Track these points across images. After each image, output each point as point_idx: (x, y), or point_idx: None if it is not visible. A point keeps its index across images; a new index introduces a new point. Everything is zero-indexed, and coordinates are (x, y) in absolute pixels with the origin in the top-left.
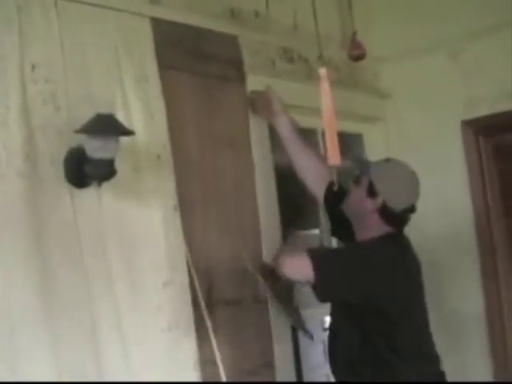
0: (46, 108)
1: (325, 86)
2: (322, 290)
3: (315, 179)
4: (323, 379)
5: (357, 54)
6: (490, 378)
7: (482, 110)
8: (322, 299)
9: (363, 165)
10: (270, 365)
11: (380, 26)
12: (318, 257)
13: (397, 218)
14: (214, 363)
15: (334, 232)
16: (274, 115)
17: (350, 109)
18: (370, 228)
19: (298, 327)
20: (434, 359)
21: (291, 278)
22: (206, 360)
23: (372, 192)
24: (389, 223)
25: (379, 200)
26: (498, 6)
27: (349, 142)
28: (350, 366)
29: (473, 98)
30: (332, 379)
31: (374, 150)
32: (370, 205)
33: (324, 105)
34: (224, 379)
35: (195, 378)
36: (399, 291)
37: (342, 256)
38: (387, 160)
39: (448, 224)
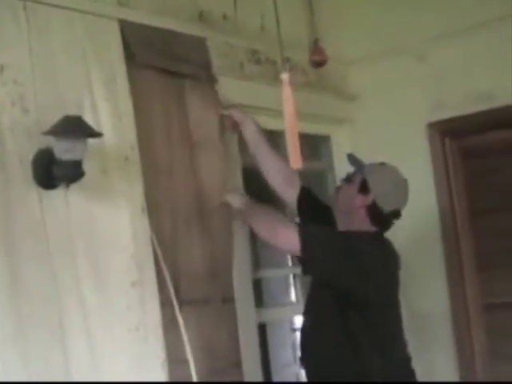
0: (15, 110)
1: (287, 92)
2: (307, 265)
3: (282, 181)
4: (292, 379)
5: (318, 60)
6: (455, 378)
7: (449, 113)
8: (306, 273)
9: (359, 164)
10: (237, 364)
11: (347, 29)
12: (308, 234)
13: (383, 219)
14: (182, 363)
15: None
16: (239, 125)
17: (318, 111)
18: (355, 225)
19: None
20: (408, 358)
21: (279, 247)
22: (173, 360)
23: (364, 189)
24: (374, 222)
25: (370, 197)
26: (464, 8)
27: (316, 144)
28: (323, 361)
29: (439, 101)
30: (301, 378)
31: (342, 151)
32: (360, 201)
33: (286, 110)
34: (195, 378)
35: (163, 377)
36: (380, 283)
37: (330, 237)
38: (382, 163)
39: (414, 225)
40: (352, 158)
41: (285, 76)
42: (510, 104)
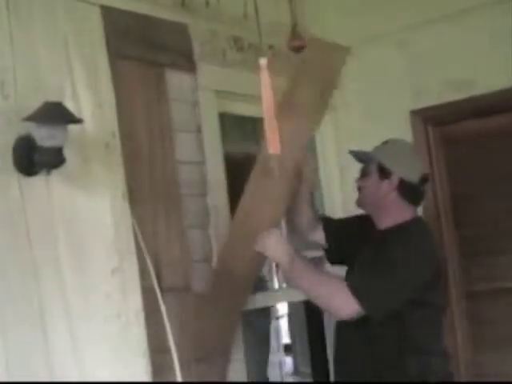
0: None
1: (264, 77)
2: (376, 313)
3: (307, 224)
4: (276, 366)
5: (297, 46)
6: None
7: (431, 100)
8: (380, 318)
9: (365, 155)
10: (221, 352)
11: (329, 16)
12: (361, 287)
13: (416, 191)
14: (164, 351)
15: (331, 257)
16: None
17: None
18: (392, 212)
19: None
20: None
21: (334, 314)
22: (154, 347)
23: (385, 173)
24: (409, 199)
25: (395, 177)
26: None
27: None
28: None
29: (421, 88)
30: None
31: (324, 138)
32: (388, 186)
33: (264, 95)
34: (177, 366)
35: (144, 365)
36: (438, 284)
37: (382, 273)
38: (385, 142)
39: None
40: (356, 154)
41: (263, 61)
42: (490, 92)
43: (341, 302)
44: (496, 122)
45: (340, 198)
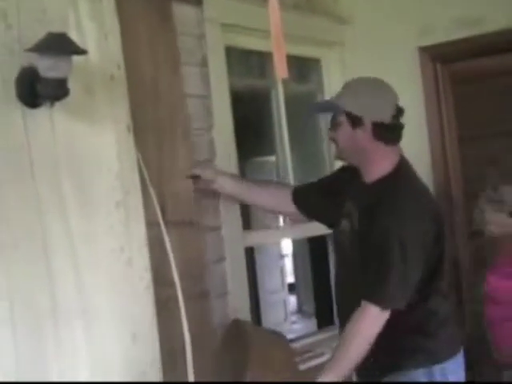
0: None
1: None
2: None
3: (279, 203)
4: (280, 305)
5: None
6: None
7: (440, 37)
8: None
9: (329, 105)
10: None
11: None
12: (385, 296)
13: (393, 129)
14: (167, 285)
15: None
16: (212, 183)
17: (308, 33)
18: (375, 161)
19: None
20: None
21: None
22: (158, 282)
23: (356, 121)
24: (388, 140)
25: (367, 123)
26: None
27: (306, 67)
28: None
29: (430, 25)
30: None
31: (332, 75)
32: (362, 134)
33: (271, 15)
34: (181, 301)
35: (148, 299)
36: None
37: (396, 264)
38: (344, 86)
39: (403, 151)
40: (318, 107)
41: None
42: (499, 30)
43: (371, 322)
44: (505, 60)
45: None
